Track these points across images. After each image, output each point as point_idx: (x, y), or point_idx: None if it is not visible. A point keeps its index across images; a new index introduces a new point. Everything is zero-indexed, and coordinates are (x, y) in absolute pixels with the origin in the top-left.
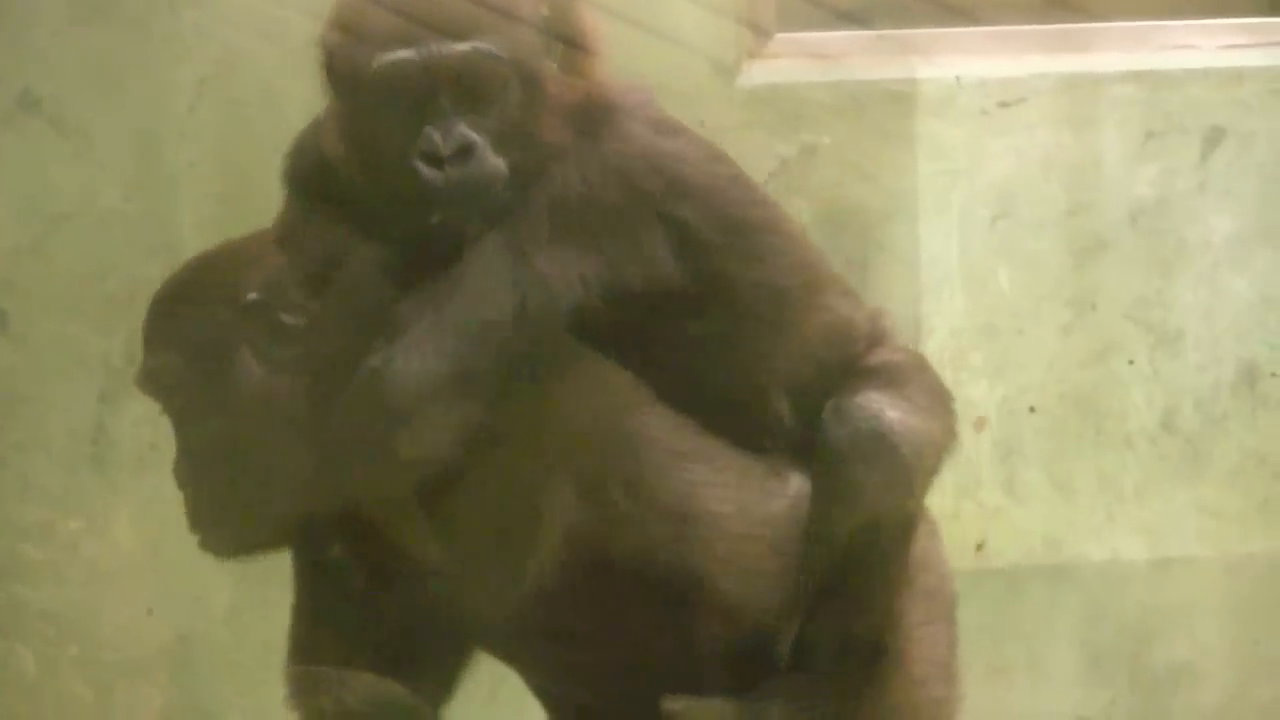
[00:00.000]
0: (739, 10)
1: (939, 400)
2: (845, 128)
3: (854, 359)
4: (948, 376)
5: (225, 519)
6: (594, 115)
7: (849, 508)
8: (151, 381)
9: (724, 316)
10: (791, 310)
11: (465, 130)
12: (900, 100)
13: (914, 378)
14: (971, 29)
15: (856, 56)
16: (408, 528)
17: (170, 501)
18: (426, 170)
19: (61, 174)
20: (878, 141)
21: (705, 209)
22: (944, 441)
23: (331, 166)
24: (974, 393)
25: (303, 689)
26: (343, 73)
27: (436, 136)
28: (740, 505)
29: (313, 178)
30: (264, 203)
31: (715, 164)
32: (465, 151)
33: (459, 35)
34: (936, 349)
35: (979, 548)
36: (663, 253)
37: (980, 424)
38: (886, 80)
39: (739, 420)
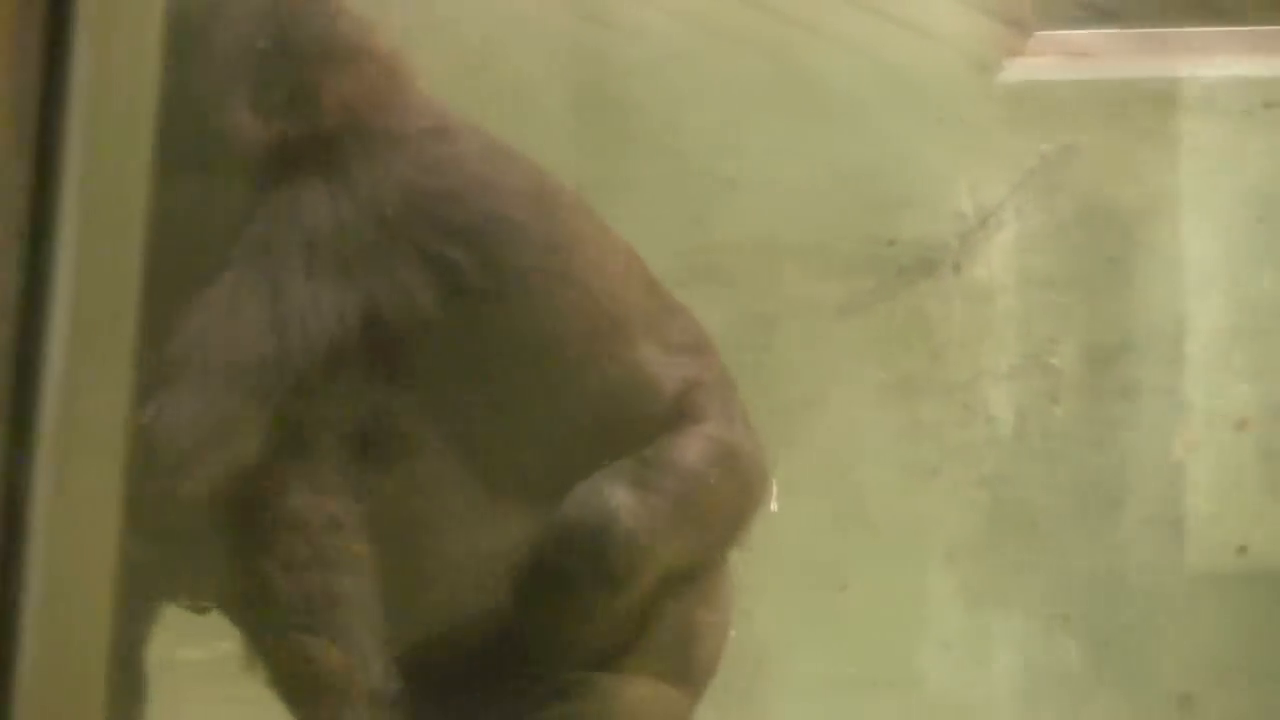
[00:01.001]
0: (999, 7)
1: (709, 509)
2: (1105, 126)
3: (645, 422)
4: (1209, 378)
5: None
6: (358, 143)
7: (555, 589)
8: None
9: (488, 359)
10: (564, 362)
11: None
12: (1161, 99)
13: (687, 474)
14: (1233, 28)
15: (1116, 55)
16: None
17: None
18: None
19: None
20: (1138, 140)
21: (472, 251)
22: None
23: None
24: (1236, 394)
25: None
26: None
27: None
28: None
29: None
30: None
31: (494, 203)
32: None
33: None
34: (1198, 350)
35: (1241, 551)
36: (422, 289)
37: (1242, 425)
38: (1147, 79)
39: (490, 458)
